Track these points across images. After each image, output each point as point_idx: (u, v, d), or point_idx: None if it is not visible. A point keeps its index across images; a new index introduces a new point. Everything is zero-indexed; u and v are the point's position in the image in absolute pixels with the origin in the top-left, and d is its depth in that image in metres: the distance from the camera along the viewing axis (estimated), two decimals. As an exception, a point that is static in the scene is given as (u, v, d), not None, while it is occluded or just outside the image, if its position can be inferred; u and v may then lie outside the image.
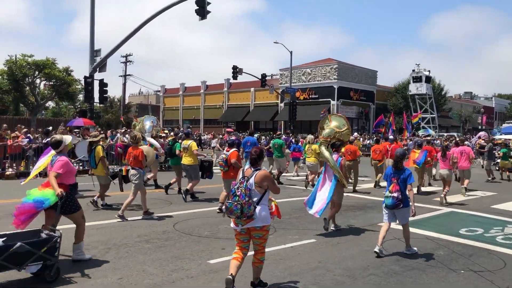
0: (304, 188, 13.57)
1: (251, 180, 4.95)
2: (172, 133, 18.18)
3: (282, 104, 47.36)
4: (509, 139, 25.43)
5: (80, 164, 17.21)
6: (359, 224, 8.65)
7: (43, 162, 8.24)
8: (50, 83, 40.06)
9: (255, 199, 4.89)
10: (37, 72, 37.74)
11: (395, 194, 6.54)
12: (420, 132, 39.15)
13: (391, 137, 17.50)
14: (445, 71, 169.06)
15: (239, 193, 4.83)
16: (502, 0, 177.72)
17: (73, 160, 9.62)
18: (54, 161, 5.93)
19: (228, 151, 9.38)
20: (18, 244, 4.80)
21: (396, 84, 52.79)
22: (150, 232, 7.65)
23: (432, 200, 11.91)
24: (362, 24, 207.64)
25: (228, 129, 38.56)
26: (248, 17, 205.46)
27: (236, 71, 34.37)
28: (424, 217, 9.68)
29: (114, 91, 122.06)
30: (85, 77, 22.45)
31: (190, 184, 11.01)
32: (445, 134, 43.10)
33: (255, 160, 5.14)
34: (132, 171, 8.85)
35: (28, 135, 17.08)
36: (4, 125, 16.75)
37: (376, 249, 6.56)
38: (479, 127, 55.32)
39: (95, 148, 9.63)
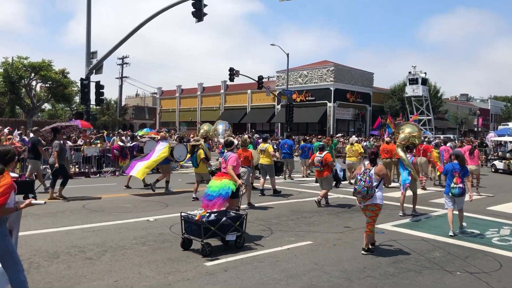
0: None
1: (372, 171, 6.74)
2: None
3: (279, 106, 47.38)
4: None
5: (77, 165, 17.21)
6: (356, 226, 8.64)
7: (154, 157, 12.09)
8: (46, 85, 39.94)
9: (374, 184, 6.62)
10: (33, 74, 37.65)
11: (461, 185, 8.11)
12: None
13: (387, 139, 17.57)
14: (441, 73, 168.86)
15: (364, 179, 6.56)
16: (498, 2, 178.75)
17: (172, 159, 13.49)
18: (226, 157, 7.78)
19: (320, 154, 10.92)
20: (224, 218, 6.59)
21: (392, 86, 52.93)
22: (146, 234, 7.63)
23: (429, 201, 11.93)
24: (359, 27, 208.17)
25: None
26: (246, 19, 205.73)
27: (233, 73, 34.38)
28: (420, 219, 9.71)
29: (110, 93, 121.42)
30: (82, 79, 22.43)
31: (271, 181, 12.60)
32: (442, 136, 43.23)
33: (374, 159, 7.02)
34: (242, 169, 10.18)
35: (24, 137, 17.02)
36: (5, 128, 16.70)
37: (451, 233, 8.08)
38: (475, 129, 55.48)
39: (197, 150, 11.32)
